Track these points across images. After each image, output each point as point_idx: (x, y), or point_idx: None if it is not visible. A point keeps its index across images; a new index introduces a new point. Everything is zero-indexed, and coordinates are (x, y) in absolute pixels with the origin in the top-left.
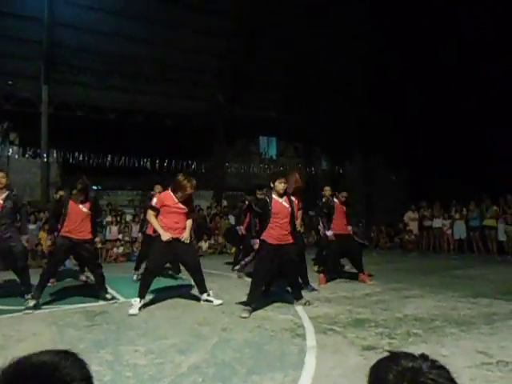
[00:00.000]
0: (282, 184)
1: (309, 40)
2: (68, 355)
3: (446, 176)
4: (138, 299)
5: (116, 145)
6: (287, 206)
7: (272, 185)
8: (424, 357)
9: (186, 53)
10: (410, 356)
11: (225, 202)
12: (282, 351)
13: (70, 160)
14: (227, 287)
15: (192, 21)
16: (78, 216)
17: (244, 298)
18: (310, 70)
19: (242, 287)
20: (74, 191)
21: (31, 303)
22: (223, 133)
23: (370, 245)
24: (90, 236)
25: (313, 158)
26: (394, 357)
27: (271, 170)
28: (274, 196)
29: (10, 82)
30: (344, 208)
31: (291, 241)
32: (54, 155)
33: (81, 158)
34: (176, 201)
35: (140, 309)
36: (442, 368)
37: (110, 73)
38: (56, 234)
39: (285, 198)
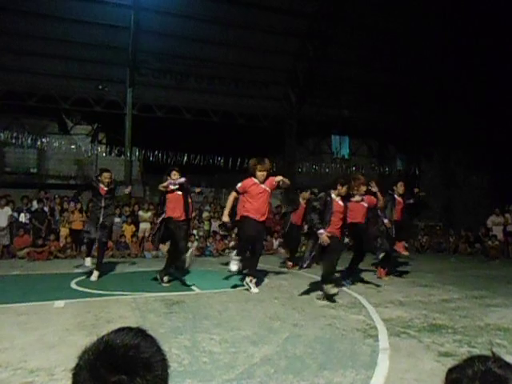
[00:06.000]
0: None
1: (382, 38)
2: (145, 336)
3: None
4: (237, 257)
5: (192, 143)
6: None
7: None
8: (498, 360)
9: (259, 53)
10: (481, 358)
11: None
12: (353, 350)
13: (150, 158)
14: (297, 284)
15: (266, 21)
16: None
17: (314, 295)
18: (383, 67)
19: (312, 284)
20: None
21: (166, 279)
22: (295, 132)
23: (449, 250)
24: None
25: (387, 157)
26: (468, 359)
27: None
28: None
29: (100, 87)
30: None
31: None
32: (136, 153)
33: (159, 156)
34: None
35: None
36: None
37: (188, 75)
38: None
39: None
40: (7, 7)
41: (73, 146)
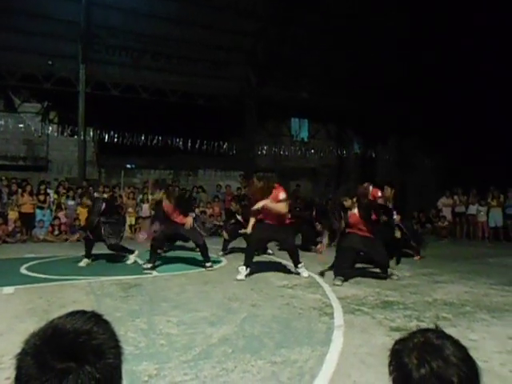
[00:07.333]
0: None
1: (342, 20)
2: (99, 321)
3: (483, 162)
4: (245, 267)
5: (149, 124)
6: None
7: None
8: (437, 332)
9: (219, 32)
10: (424, 330)
11: None
12: (309, 328)
13: (106, 139)
14: (256, 266)
15: (225, 1)
16: None
17: (274, 277)
18: (343, 51)
19: (270, 266)
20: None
21: (149, 265)
22: (255, 114)
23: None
24: None
25: (345, 140)
26: (412, 332)
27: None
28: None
29: (49, 62)
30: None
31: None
32: (91, 134)
33: (115, 137)
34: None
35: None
36: (460, 346)
37: (145, 53)
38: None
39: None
40: None
41: (21, 125)
